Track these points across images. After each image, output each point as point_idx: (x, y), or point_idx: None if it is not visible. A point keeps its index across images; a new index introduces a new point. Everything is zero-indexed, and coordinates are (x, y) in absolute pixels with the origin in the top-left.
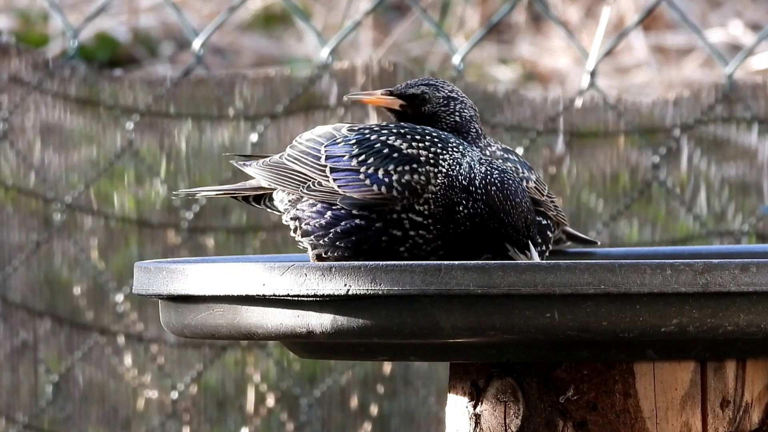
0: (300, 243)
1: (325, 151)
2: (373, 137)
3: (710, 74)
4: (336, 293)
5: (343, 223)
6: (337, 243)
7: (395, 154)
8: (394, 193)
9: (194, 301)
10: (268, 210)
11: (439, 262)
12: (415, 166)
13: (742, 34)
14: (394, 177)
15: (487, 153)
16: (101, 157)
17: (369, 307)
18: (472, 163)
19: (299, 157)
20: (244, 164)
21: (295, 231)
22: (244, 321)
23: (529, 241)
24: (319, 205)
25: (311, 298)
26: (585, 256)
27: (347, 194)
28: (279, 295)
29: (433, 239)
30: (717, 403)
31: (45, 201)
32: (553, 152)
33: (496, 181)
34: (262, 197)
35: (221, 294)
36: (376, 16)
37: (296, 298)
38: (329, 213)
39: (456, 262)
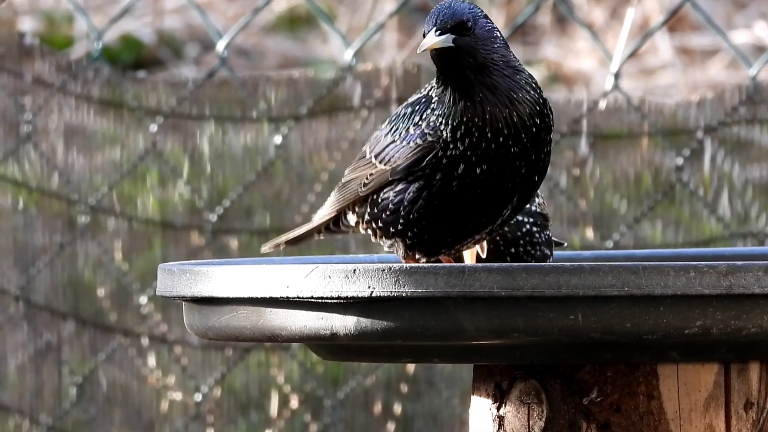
0: (384, 244)
1: (368, 148)
2: (398, 111)
3: (735, 75)
4: (360, 295)
5: (408, 196)
6: (411, 217)
7: (417, 107)
8: (429, 138)
9: (218, 303)
10: (353, 231)
11: (461, 264)
12: (433, 107)
13: (767, 35)
14: (422, 125)
15: None
16: (125, 159)
17: (393, 309)
18: None
19: (351, 169)
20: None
21: (373, 233)
22: (267, 323)
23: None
24: (381, 196)
25: (335, 300)
26: (607, 259)
27: (394, 164)
28: (303, 297)
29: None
30: (740, 405)
31: (68, 203)
32: (577, 154)
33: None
34: (338, 220)
35: (245, 296)
36: (400, 17)
37: (320, 300)
38: (390, 194)
39: (479, 264)
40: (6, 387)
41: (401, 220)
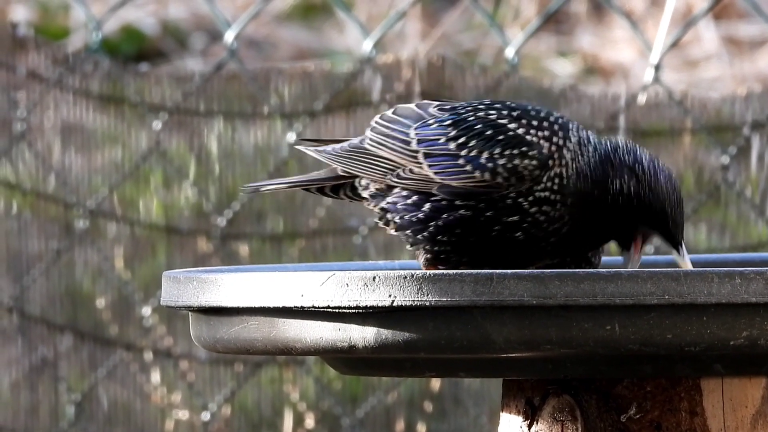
0: (391, 232)
1: (416, 134)
2: (471, 118)
3: None
4: (380, 305)
5: (444, 216)
6: (438, 237)
7: (501, 136)
8: (499, 179)
9: (227, 314)
10: (349, 200)
11: (489, 271)
12: (525, 149)
13: None
14: (500, 162)
15: None
16: (126, 159)
17: (415, 319)
18: (631, 143)
19: (384, 142)
20: (316, 150)
21: (386, 223)
22: (281, 335)
23: (683, 242)
24: (414, 197)
25: (353, 310)
26: (647, 265)
27: (445, 182)
28: (319, 307)
29: (558, 218)
30: None
31: (66, 206)
32: None
33: (666, 169)
34: (341, 187)
35: (256, 306)
36: (423, 5)
37: (337, 310)
38: (427, 205)
39: (509, 271)
40: None
41: (425, 234)
